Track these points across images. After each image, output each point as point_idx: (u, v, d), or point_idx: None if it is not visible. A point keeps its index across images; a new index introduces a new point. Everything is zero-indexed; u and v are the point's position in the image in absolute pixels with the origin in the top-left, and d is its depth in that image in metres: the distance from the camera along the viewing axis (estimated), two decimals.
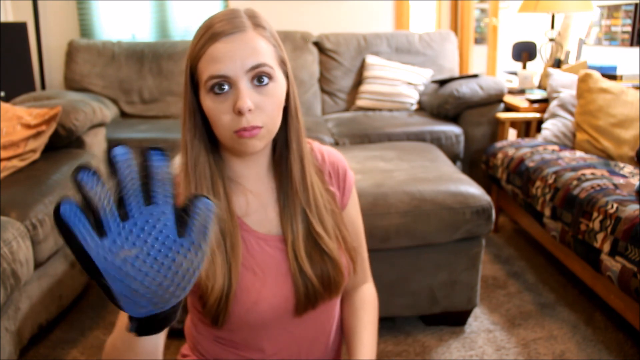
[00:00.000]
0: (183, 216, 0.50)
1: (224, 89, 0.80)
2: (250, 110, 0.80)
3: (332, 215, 0.94)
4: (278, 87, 0.83)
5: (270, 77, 0.81)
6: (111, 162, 0.46)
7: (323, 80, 3.49)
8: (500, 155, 2.51)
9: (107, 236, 0.47)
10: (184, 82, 0.85)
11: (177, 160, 0.89)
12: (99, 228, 0.47)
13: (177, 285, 0.51)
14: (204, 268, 0.84)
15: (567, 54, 3.27)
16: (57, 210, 0.45)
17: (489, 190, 2.66)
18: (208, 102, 0.81)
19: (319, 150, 1.00)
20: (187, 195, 0.52)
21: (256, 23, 0.83)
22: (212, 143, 0.88)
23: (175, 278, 0.51)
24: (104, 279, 0.48)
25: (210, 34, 0.80)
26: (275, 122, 0.85)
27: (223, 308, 0.85)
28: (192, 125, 0.85)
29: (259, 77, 0.81)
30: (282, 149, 0.91)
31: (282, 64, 0.86)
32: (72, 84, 3.33)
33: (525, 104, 2.84)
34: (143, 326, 0.53)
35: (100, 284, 0.49)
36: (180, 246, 0.50)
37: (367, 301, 1.04)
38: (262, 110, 0.81)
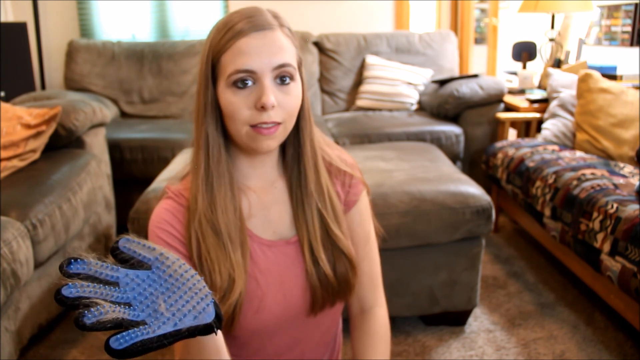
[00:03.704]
0: (132, 262, 0.59)
1: (247, 83, 0.80)
2: (273, 106, 0.80)
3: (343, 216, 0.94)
4: (297, 87, 0.84)
5: (292, 77, 0.82)
6: (74, 300, 0.53)
7: (323, 80, 3.49)
8: (500, 155, 2.51)
9: (147, 321, 0.55)
10: (202, 75, 0.84)
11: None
12: (136, 323, 0.54)
13: (191, 277, 0.60)
14: (222, 260, 0.84)
15: (567, 54, 3.27)
16: (112, 348, 0.52)
17: (489, 190, 2.66)
18: (228, 95, 0.81)
19: (341, 158, 0.98)
20: (111, 248, 0.59)
21: (281, 23, 0.84)
22: (225, 140, 0.88)
23: (186, 277, 0.60)
24: (182, 329, 0.56)
25: (238, 28, 0.80)
26: (292, 121, 0.85)
27: (231, 316, 0.84)
28: (213, 119, 0.85)
29: (283, 76, 0.81)
30: (294, 151, 0.91)
31: (300, 65, 0.86)
32: (72, 84, 3.33)
33: (525, 104, 2.84)
34: (217, 318, 0.60)
35: (184, 334, 0.57)
36: (158, 269, 0.59)
37: (379, 335, 0.97)
38: (282, 108, 0.81)
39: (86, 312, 0.52)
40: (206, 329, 0.58)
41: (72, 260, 0.54)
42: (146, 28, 3.64)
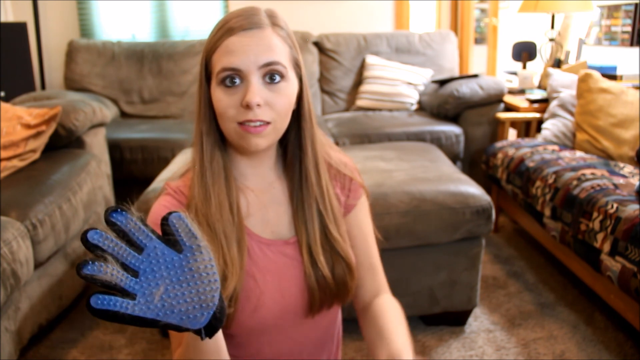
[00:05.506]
0: (169, 238, 0.58)
1: (235, 82, 0.80)
2: (259, 105, 0.79)
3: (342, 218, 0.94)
4: (289, 87, 0.83)
5: (282, 75, 0.82)
6: (93, 246, 0.54)
7: (323, 80, 3.49)
8: (500, 155, 2.51)
9: (137, 297, 0.56)
10: (199, 74, 0.85)
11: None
12: (126, 294, 0.56)
13: (209, 282, 0.59)
14: (216, 258, 0.84)
15: (567, 54, 3.27)
16: (89, 305, 0.54)
17: (489, 190, 2.66)
18: (217, 93, 0.81)
19: (342, 160, 0.98)
20: (162, 217, 0.59)
21: (274, 22, 0.84)
22: (222, 138, 0.88)
23: (203, 280, 0.59)
24: (160, 322, 0.57)
25: (227, 27, 0.81)
26: (283, 121, 0.84)
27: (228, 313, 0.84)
28: (207, 117, 0.85)
29: (271, 74, 0.81)
30: (294, 152, 0.91)
31: (296, 66, 0.86)
32: (72, 84, 3.33)
33: (525, 104, 2.84)
34: (210, 328, 0.60)
35: (161, 326, 0.57)
36: (186, 258, 0.58)
37: (392, 306, 0.94)
38: (271, 107, 0.81)
39: (90, 262, 0.53)
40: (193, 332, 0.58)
41: (118, 210, 0.55)
42: (146, 28, 3.64)
